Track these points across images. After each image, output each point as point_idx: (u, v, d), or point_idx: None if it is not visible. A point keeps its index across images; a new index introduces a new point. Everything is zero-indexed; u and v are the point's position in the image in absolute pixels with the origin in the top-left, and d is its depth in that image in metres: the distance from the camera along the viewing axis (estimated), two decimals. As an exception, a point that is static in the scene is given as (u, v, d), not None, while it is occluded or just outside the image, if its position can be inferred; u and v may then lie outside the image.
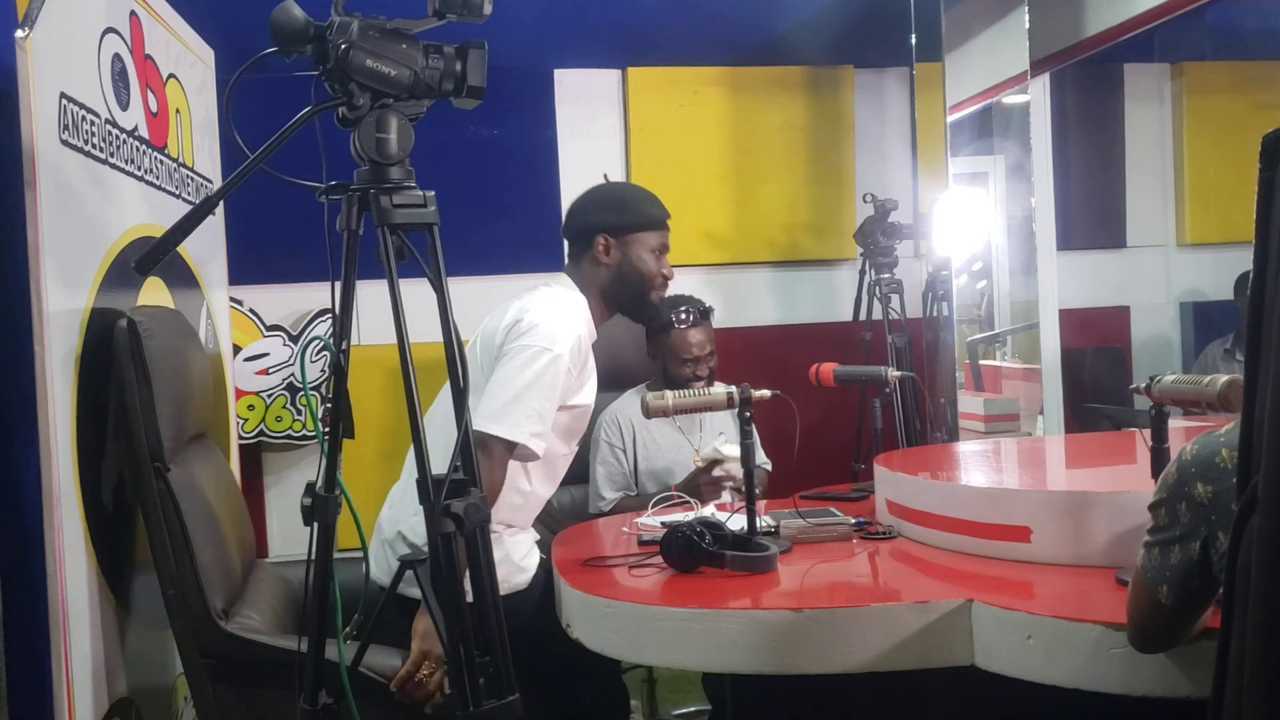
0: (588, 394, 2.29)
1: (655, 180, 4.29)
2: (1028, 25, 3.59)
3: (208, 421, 2.42)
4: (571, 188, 4.26)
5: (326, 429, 1.49)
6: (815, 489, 2.84)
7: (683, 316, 3.17)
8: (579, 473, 3.07)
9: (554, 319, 2.14)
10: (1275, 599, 0.81)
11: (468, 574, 1.47)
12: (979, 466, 2.56)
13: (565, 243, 2.47)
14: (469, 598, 1.46)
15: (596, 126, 4.31)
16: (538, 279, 2.34)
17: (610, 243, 2.34)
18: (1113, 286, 4.43)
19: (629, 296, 2.36)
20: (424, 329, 1.60)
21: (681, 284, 4.42)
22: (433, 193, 1.52)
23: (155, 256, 1.54)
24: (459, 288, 4.10)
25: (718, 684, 2.66)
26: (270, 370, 3.93)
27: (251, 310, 3.94)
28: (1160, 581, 1.31)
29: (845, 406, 3.85)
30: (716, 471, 2.79)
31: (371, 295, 1.61)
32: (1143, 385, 1.71)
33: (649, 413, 2.19)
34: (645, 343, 3.27)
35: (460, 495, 1.41)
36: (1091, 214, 4.48)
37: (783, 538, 2.20)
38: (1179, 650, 1.44)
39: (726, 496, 2.80)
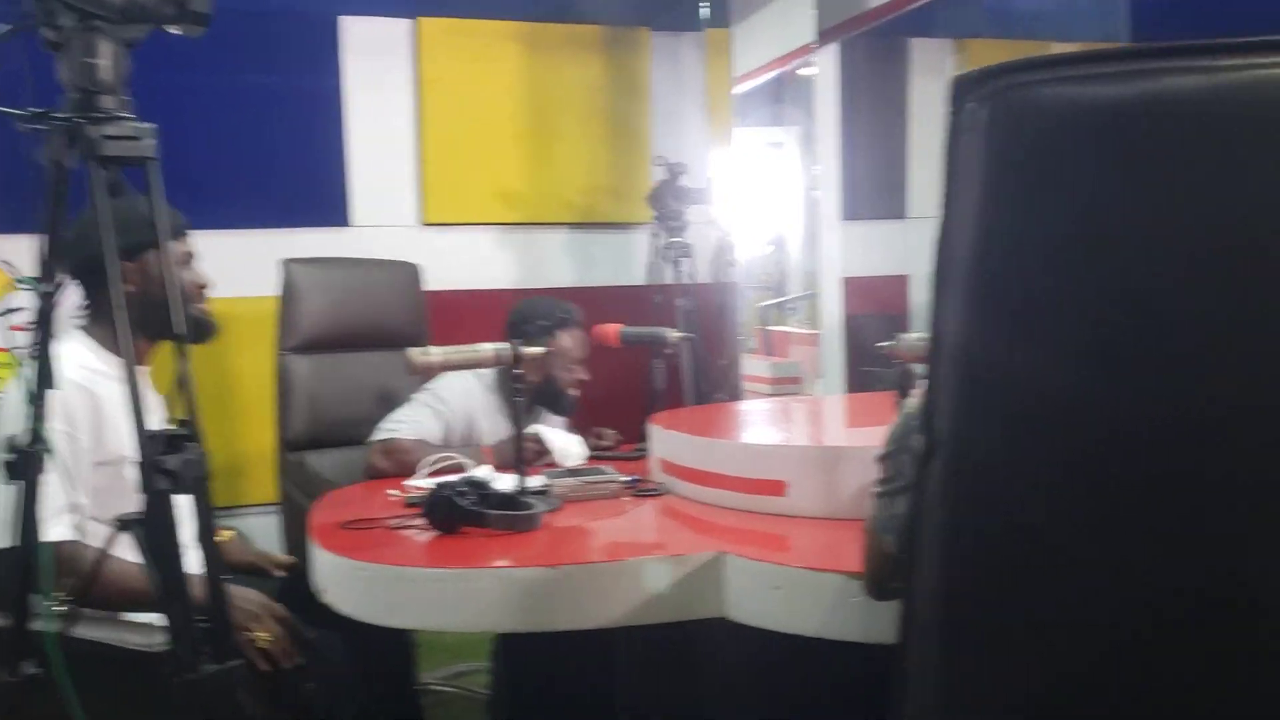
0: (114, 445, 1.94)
1: (449, 136, 4.22)
2: (815, -7, 3.65)
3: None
4: (361, 140, 4.12)
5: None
6: (600, 448, 2.85)
7: (572, 311, 2.90)
8: (348, 434, 2.96)
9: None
10: (950, 539, 0.82)
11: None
12: (746, 425, 2.60)
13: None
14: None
15: (387, 78, 4.17)
16: (320, 233, 2.21)
17: (129, 267, 1.92)
18: (895, 256, 4.59)
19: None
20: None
21: (478, 244, 4.39)
22: (153, 125, 1.41)
23: None
24: (237, 241, 3.92)
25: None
26: (28, 326, 3.65)
27: (4, 261, 3.66)
28: (887, 531, 1.34)
29: (642, 368, 3.87)
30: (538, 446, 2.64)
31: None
32: (889, 345, 1.76)
33: (414, 369, 2.13)
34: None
35: (177, 450, 1.32)
36: (876, 185, 4.62)
37: (553, 496, 2.17)
38: (911, 597, 1.49)
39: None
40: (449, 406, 2.78)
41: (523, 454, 2.14)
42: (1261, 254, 0.72)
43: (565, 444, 2.55)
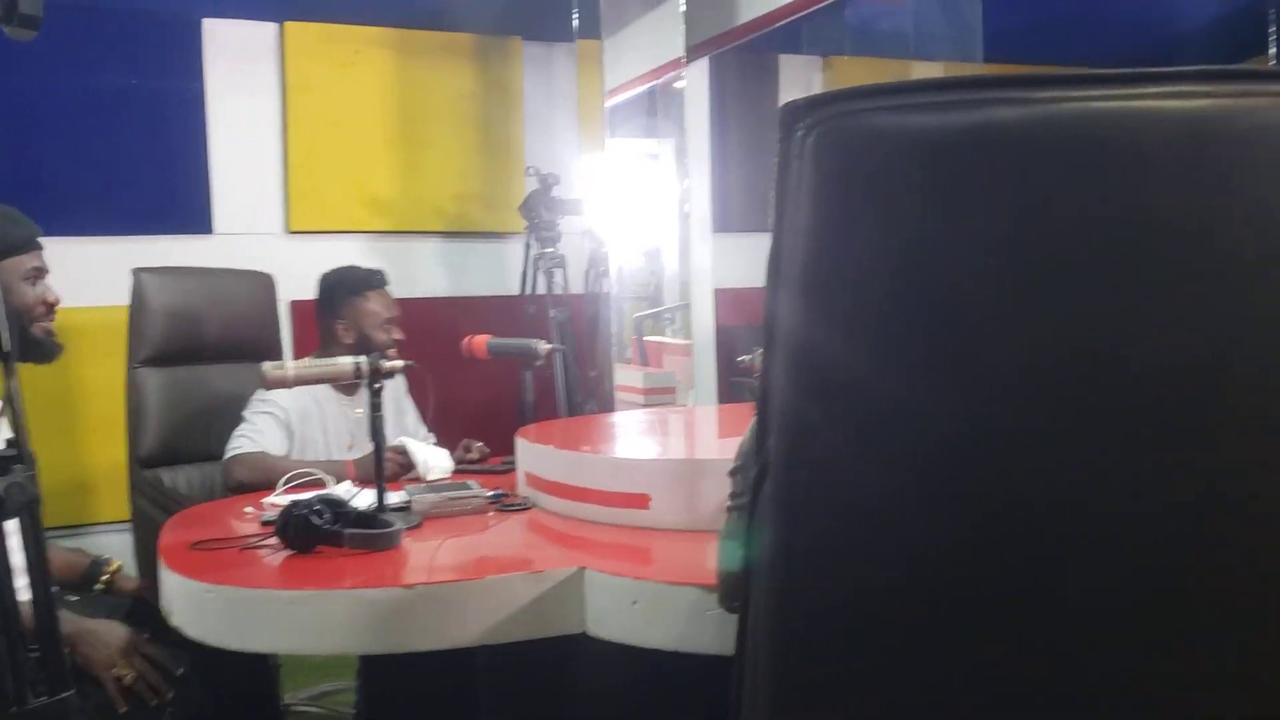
0: None
1: (316, 142, 4.13)
2: (683, 9, 3.68)
3: None
4: (224, 146, 4.01)
5: None
6: (470, 461, 2.81)
7: (377, 273, 2.94)
8: (199, 450, 2.87)
9: None
10: (782, 563, 0.83)
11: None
12: (612, 437, 2.60)
13: None
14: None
15: (251, 82, 4.07)
16: (181, 241, 2.14)
17: None
18: (765, 268, 4.64)
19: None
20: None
21: (345, 252, 4.29)
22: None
23: None
24: (91, 248, 3.78)
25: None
26: None
27: None
28: (733, 544, 1.36)
29: (513, 380, 3.84)
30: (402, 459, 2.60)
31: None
32: (748, 359, 1.78)
33: (268, 384, 2.07)
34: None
35: (3, 473, 1.25)
36: (747, 197, 4.68)
37: (413, 513, 2.13)
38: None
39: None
40: (282, 406, 2.75)
41: (383, 468, 2.09)
42: (1070, 276, 0.75)
43: (429, 457, 2.51)
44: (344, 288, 2.91)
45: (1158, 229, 0.73)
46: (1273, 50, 4.70)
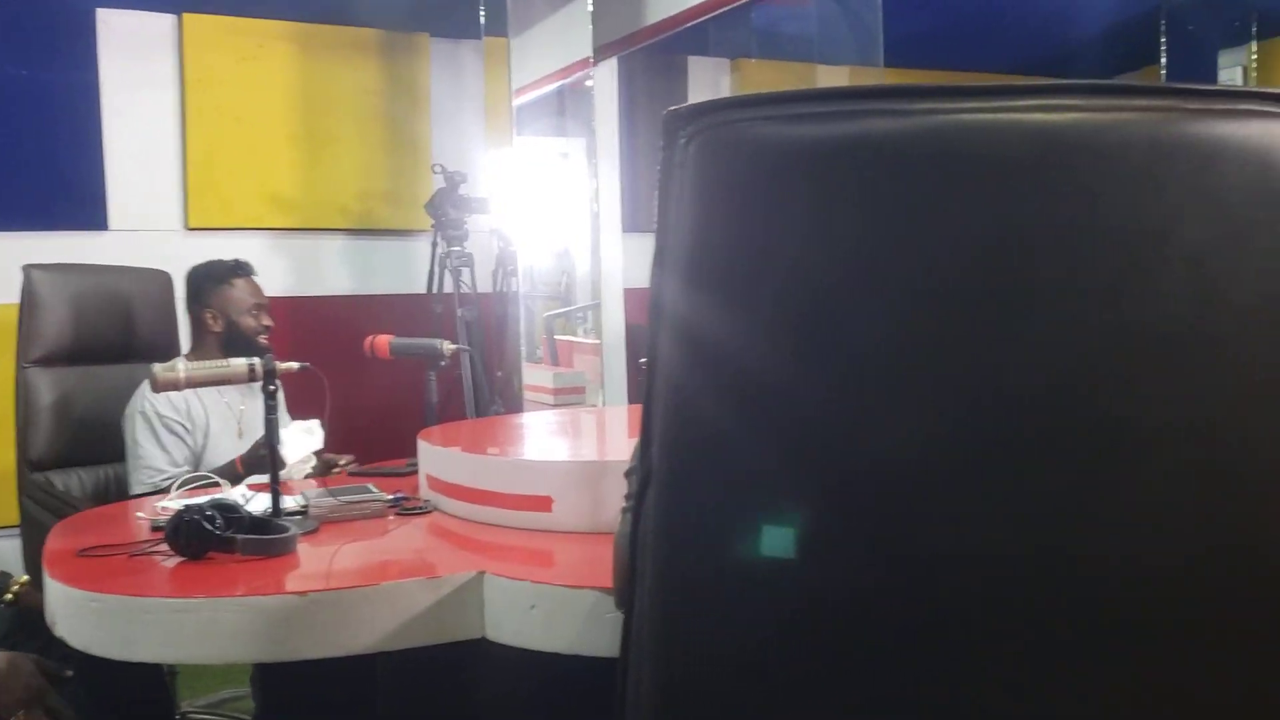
0: None
1: (216, 137, 4.03)
2: (591, 9, 3.67)
3: None
4: (120, 140, 3.89)
5: None
6: (372, 464, 2.77)
7: (242, 263, 2.98)
8: (93, 453, 2.79)
9: None
10: (666, 569, 0.83)
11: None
12: (516, 439, 2.59)
13: None
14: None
15: (148, 75, 3.96)
16: (75, 237, 2.07)
17: None
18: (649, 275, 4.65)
19: None
20: None
21: (246, 249, 4.18)
22: None
23: None
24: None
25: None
26: None
27: None
28: (625, 546, 1.36)
29: (419, 381, 3.80)
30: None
31: None
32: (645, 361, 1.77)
33: (158, 386, 2.01)
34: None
35: None
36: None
37: (310, 518, 2.10)
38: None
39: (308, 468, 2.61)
40: (161, 414, 2.74)
41: (278, 472, 2.05)
42: (938, 283, 0.76)
43: (292, 440, 2.48)
44: (209, 278, 2.96)
45: (1022, 240, 0.75)
46: (1164, 60, 4.87)
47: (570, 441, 2.61)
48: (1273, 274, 0.78)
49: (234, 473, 2.41)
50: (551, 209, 4.37)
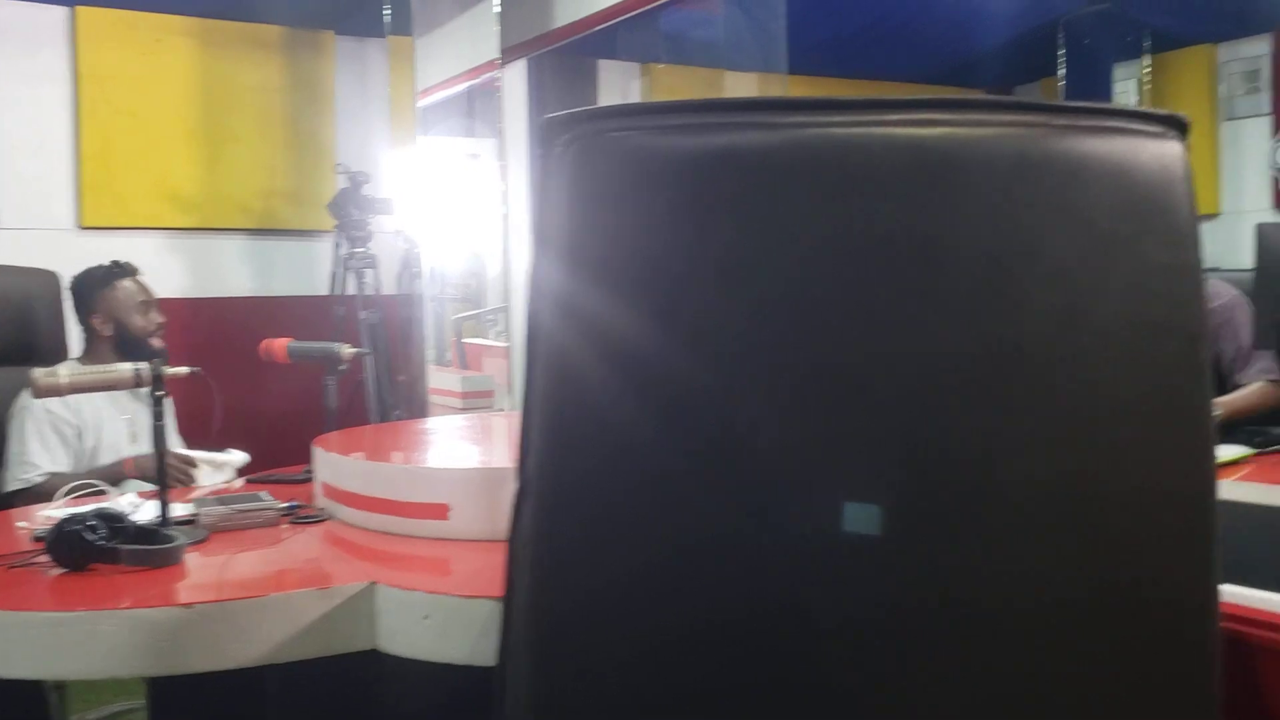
0: None
1: (111, 134, 3.92)
2: (498, 10, 3.65)
3: None
4: (9, 135, 3.76)
5: None
6: (268, 471, 2.71)
7: (122, 264, 2.94)
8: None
9: None
10: (539, 577, 0.83)
11: None
12: (415, 445, 2.56)
13: None
14: None
15: (40, 68, 3.83)
16: None
17: None
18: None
19: None
20: None
21: (142, 249, 4.07)
22: None
23: None
24: None
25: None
26: None
27: None
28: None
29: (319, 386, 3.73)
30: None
31: None
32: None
33: (38, 392, 1.94)
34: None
35: None
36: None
37: (199, 527, 2.04)
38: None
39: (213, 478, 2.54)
40: (51, 410, 2.67)
41: (166, 479, 1.99)
42: (807, 294, 0.77)
43: (212, 461, 2.42)
44: (91, 284, 2.93)
45: (887, 251, 0.76)
46: (1062, 72, 5.01)
47: (470, 447, 2.59)
48: (1134, 290, 0.80)
49: (118, 473, 2.34)
50: (461, 210, 4.33)
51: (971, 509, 0.78)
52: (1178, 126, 0.85)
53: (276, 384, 2.96)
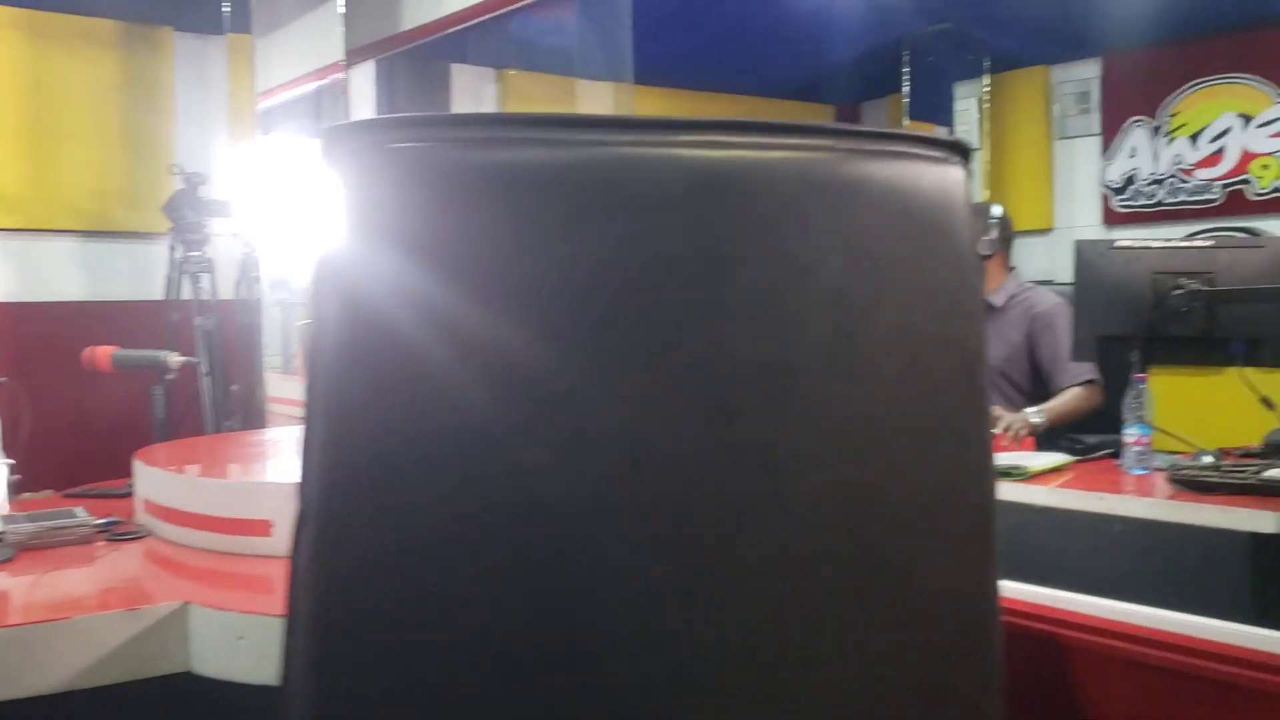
0: None
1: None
2: (343, 10, 3.57)
3: None
4: None
5: None
6: (88, 485, 2.59)
7: None
8: None
9: None
10: (318, 597, 0.81)
11: None
12: (245, 458, 2.48)
13: None
14: None
15: None
16: None
17: None
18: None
19: None
20: None
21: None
22: None
23: None
24: None
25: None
26: None
27: None
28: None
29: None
30: None
31: None
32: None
33: None
34: None
35: None
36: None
37: (6, 545, 1.93)
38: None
39: None
40: None
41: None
42: (588, 313, 0.77)
43: None
44: None
45: (673, 270, 0.76)
46: (906, 89, 5.16)
47: (294, 461, 2.52)
48: (909, 308, 0.82)
49: None
50: (305, 213, 4.22)
51: (756, 519, 0.78)
52: (960, 152, 0.87)
53: (103, 394, 2.83)
